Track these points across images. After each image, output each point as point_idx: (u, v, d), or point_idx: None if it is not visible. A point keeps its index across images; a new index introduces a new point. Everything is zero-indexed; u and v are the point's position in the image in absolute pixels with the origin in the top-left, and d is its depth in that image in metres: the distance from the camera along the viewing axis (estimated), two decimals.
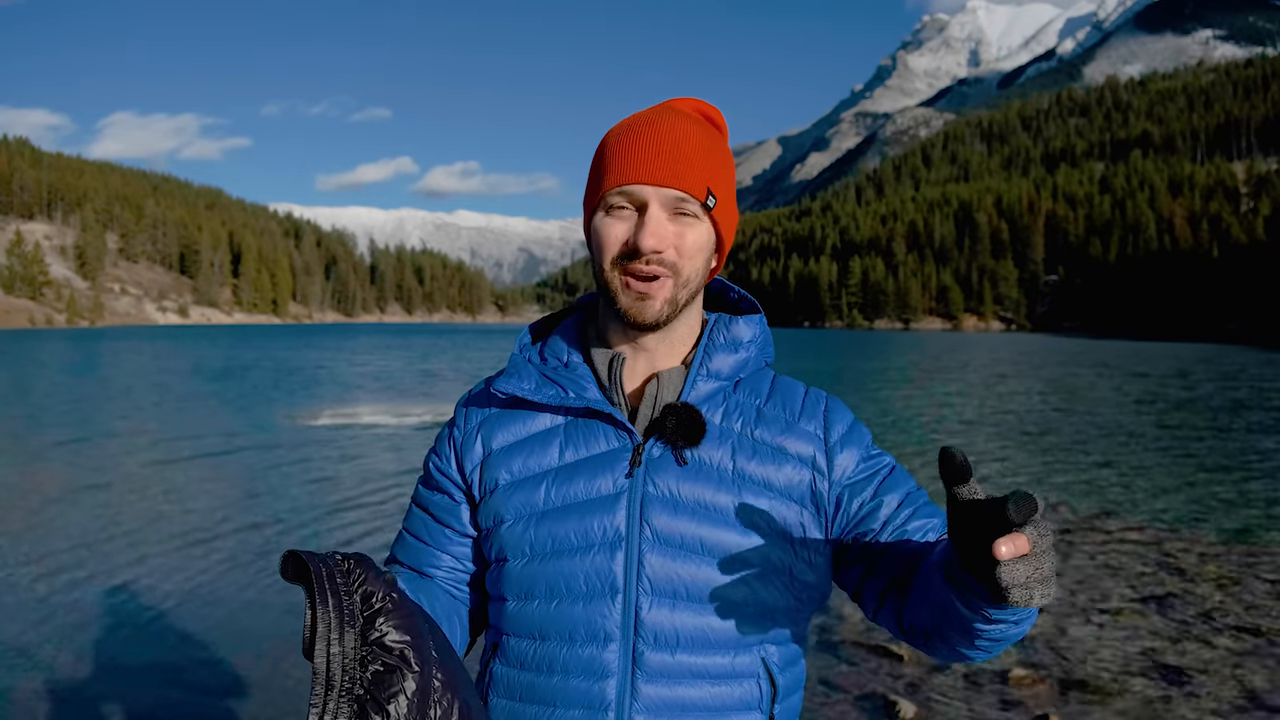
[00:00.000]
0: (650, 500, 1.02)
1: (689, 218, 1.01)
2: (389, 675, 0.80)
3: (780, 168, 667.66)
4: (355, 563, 0.84)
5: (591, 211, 1.05)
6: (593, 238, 1.04)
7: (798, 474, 1.06)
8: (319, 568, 0.81)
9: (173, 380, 23.85)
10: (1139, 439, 12.69)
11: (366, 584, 0.83)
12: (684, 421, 1.02)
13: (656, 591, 1.00)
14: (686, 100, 1.10)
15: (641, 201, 1.00)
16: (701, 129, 1.04)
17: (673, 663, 1.00)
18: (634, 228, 1.00)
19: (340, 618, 0.79)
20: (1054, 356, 41.92)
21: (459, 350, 45.75)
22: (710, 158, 1.02)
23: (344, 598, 0.80)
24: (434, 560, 1.14)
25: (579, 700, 1.00)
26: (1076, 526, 7.26)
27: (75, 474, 9.48)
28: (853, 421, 1.13)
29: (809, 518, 1.06)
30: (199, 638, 4.65)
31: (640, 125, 1.03)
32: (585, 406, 1.05)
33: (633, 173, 0.99)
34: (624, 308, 1.02)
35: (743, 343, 1.11)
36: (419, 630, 0.85)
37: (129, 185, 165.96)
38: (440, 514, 1.14)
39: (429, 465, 1.16)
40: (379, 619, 0.82)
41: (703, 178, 1.00)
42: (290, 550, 0.82)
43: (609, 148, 1.03)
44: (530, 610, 1.04)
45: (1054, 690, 4.02)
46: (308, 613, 0.79)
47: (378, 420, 14.53)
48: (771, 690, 1.04)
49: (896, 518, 1.05)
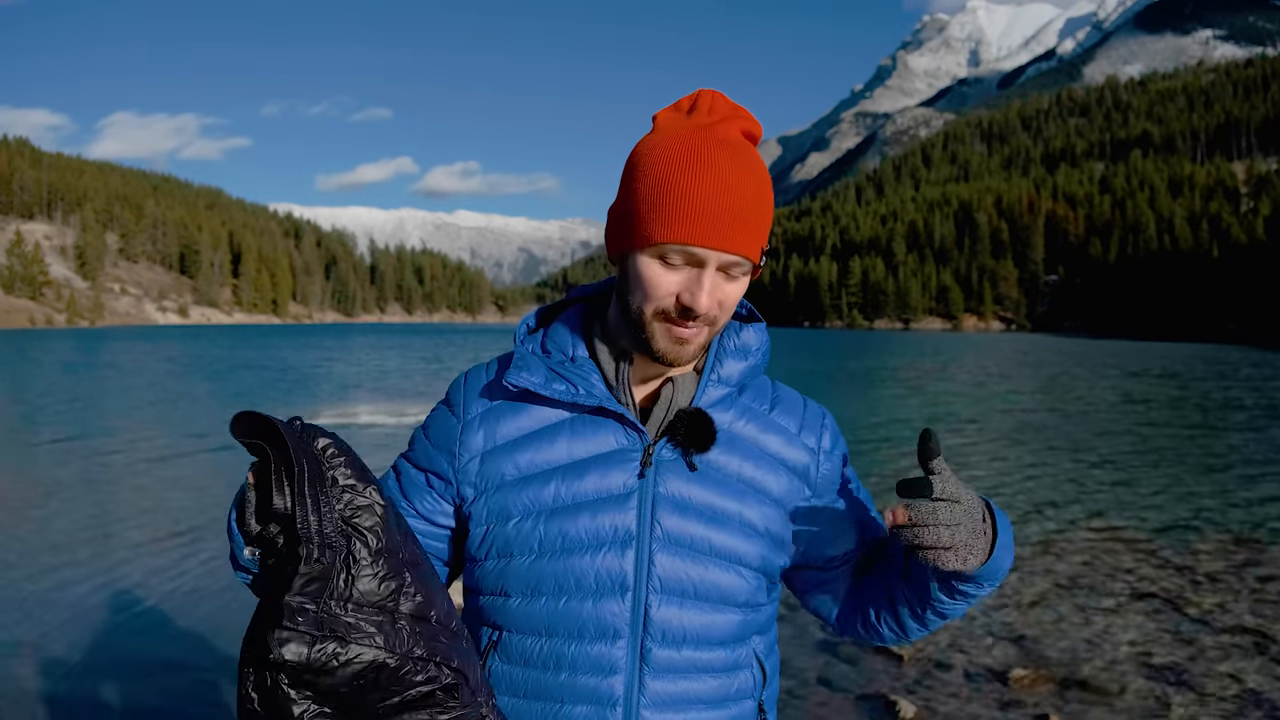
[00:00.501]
0: (660, 501, 1.04)
1: (738, 274, 1.01)
2: (362, 512, 0.81)
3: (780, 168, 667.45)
4: (304, 424, 0.83)
5: (638, 248, 1.00)
6: (635, 277, 1.01)
7: (792, 484, 1.11)
8: (280, 425, 0.79)
9: (171, 380, 23.83)
10: (1138, 439, 12.68)
11: (318, 439, 0.83)
12: (697, 427, 1.04)
13: (665, 590, 1.03)
14: (735, 119, 1.02)
15: (700, 260, 0.98)
16: (754, 174, 0.99)
17: (678, 658, 1.03)
18: (686, 282, 0.99)
19: (316, 477, 0.78)
20: (1054, 356, 41.89)
21: (455, 350, 45.73)
22: (765, 212, 1.00)
23: (319, 467, 0.79)
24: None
25: (587, 696, 1.02)
26: (1076, 527, 7.26)
27: (72, 473, 9.48)
28: (839, 436, 1.18)
29: (793, 523, 1.12)
30: (194, 633, 4.66)
31: (703, 172, 0.96)
32: (598, 405, 1.06)
33: (698, 234, 0.96)
34: (661, 351, 1.02)
35: (751, 350, 1.13)
36: (368, 476, 0.85)
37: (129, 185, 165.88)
38: (408, 489, 1.13)
39: (415, 443, 1.16)
40: (336, 473, 0.81)
41: (759, 240, 1.00)
42: (244, 410, 0.80)
43: (668, 189, 0.97)
44: (537, 607, 1.04)
45: (1054, 690, 4.02)
46: (252, 474, 0.80)
47: (375, 420, 14.57)
48: (762, 678, 1.10)
49: (853, 520, 1.15)
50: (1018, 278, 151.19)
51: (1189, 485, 9.13)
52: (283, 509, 0.76)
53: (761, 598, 1.10)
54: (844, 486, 1.16)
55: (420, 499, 1.13)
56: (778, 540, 1.09)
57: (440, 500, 1.12)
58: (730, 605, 1.06)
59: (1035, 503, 8.25)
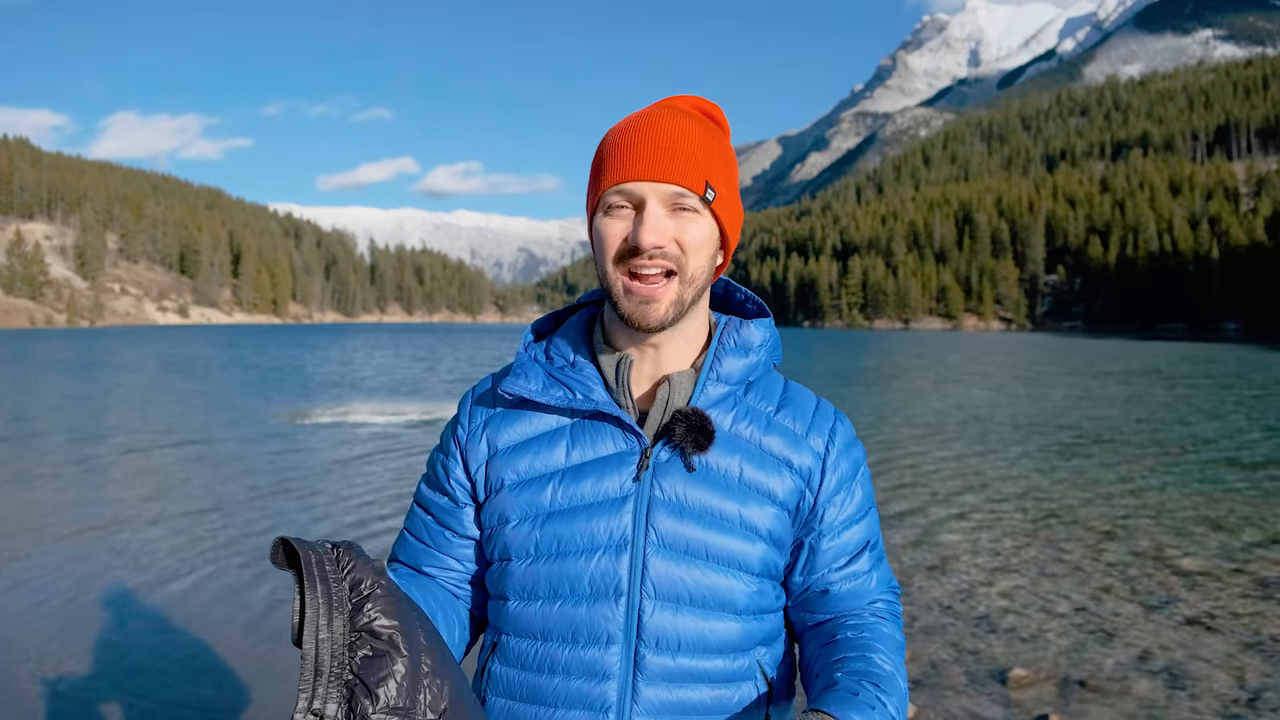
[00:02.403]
0: (656, 504, 1.02)
1: (689, 212, 1.00)
2: (378, 660, 0.80)
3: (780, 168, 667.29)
4: (344, 550, 0.84)
5: (592, 213, 1.04)
6: (594, 239, 1.03)
7: (797, 487, 1.07)
8: (309, 555, 0.81)
9: (168, 380, 23.84)
10: (1137, 439, 12.68)
11: (355, 571, 0.83)
12: (694, 427, 1.02)
13: (660, 595, 1.00)
14: (685, 98, 1.09)
15: (640, 199, 0.99)
16: (699, 125, 1.03)
17: (673, 666, 1.01)
18: (632, 224, 0.99)
19: (329, 604, 0.79)
20: (1053, 356, 41.91)
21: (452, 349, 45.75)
22: (708, 152, 1.01)
23: (333, 584, 0.80)
24: (434, 561, 1.14)
25: (580, 701, 1.00)
26: (1076, 527, 7.26)
27: (68, 472, 9.49)
28: (852, 441, 1.13)
29: (797, 527, 1.09)
30: (192, 633, 4.64)
31: (636, 124, 1.02)
32: (594, 409, 1.05)
33: (629, 170, 0.98)
34: (627, 313, 1.01)
35: (753, 346, 1.10)
36: (407, 616, 0.85)
37: (129, 185, 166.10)
38: (441, 515, 1.13)
39: (434, 465, 1.16)
40: (367, 605, 0.82)
41: (700, 172, 0.99)
42: (280, 537, 0.82)
43: (606, 148, 1.03)
44: (533, 610, 1.04)
45: (1054, 690, 4.01)
46: (296, 599, 0.80)
47: (367, 419, 14.62)
48: (768, 691, 1.06)
49: (835, 563, 1.10)
50: (1017, 278, 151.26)
51: (1189, 485, 9.13)
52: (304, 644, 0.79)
53: (765, 604, 1.07)
54: (842, 510, 1.10)
55: (446, 520, 1.13)
56: (782, 543, 1.06)
57: (460, 520, 1.13)
58: (729, 612, 1.03)
59: (1034, 503, 8.25)
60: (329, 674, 0.78)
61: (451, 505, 1.12)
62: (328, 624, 0.79)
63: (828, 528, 1.09)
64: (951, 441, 12.30)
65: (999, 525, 7.30)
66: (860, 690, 0.94)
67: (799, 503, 1.08)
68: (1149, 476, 9.64)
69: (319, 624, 0.78)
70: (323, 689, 0.78)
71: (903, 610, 1.26)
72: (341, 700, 0.78)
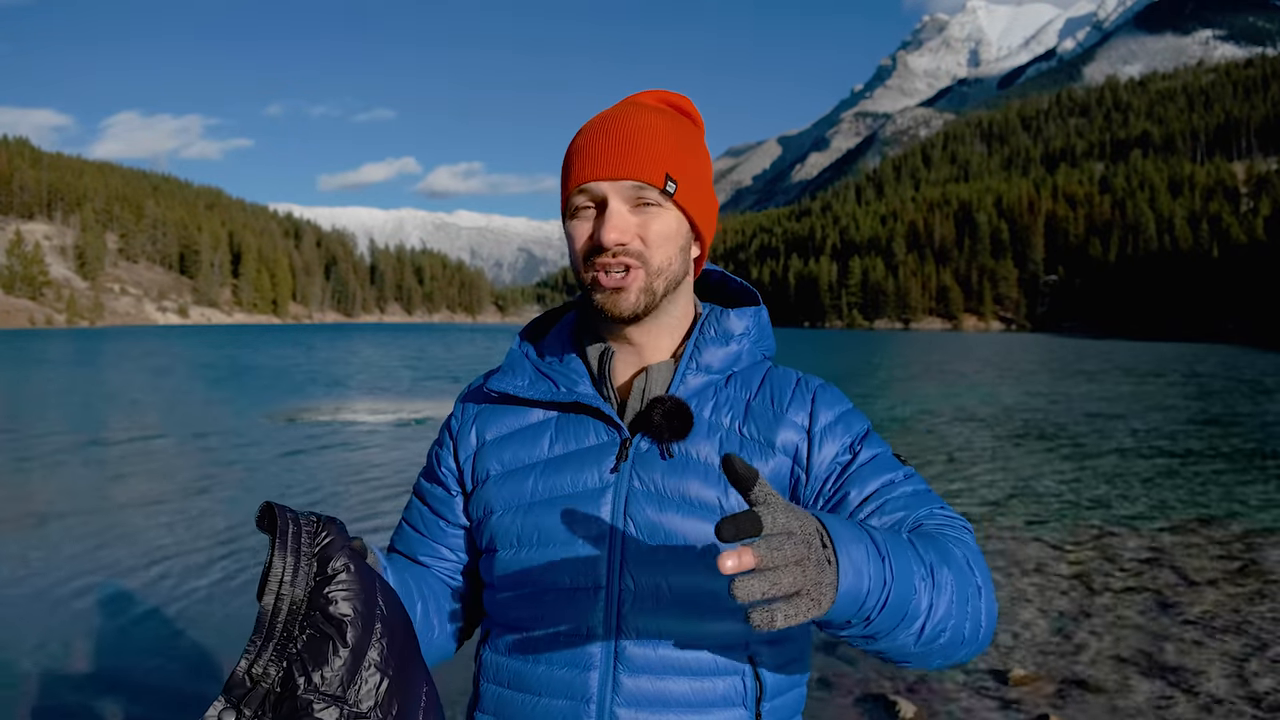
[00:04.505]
0: (635, 495, 1.02)
1: (651, 207, 1.00)
2: (322, 643, 0.80)
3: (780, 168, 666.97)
4: (323, 524, 0.85)
5: (564, 218, 1.05)
6: (567, 242, 1.05)
7: (782, 467, 1.04)
8: (286, 522, 0.82)
9: (166, 380, 23.84)
10: (1136, 439, 12.68)
11: (329, 549, 0.83)
12: (670, 415, 1.02)
13: (639, 586, 1.00)
14: (650, 92, 1.09)
15: (601, 198, 1.00)
16: (662, 117, 1.03)
17: (654, 657, 1.00)
18: (597, 224, 1.00)
19: (294, 575, 0.80)
20: (1053, 357, 41.90)
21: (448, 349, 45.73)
22: (667, 143, 1.01)
23: (302, 557, 0.81)
24: (429, 550, 1.16)
25: (563, 690, 1.01)
26: (1076, 527, 7.27)
27: (65, 471, 9.49)
28: (844, 410, 1.08)
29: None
30: (186, 632, 4.66)
31: (598, 123, 1.03)
32: (574, 400, 1.06)
33: (588, 170, 0.99)
34: (600, 304, 1.02)
35: (734, 335, 1.09)
36: (369, 603, 0.84)
37: (129, 185, 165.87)
38: (436, 505, 1.15)
39: (430, 456, 1.19)
40: (329, 586, 0.82)
41: (659, 164, 0.99)
42: (267, 501, 0.83)
43: (570, 151, 1.03)
44: (518, 600, 1.05)
45: (1054, 690, 4.02)
46: (266, 562, 0.81)
47: (357, 418, 14.72)
48: (757, 687, 1.02)
49: (859, 514, 0.99)
50: (1017, 278, 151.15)
51: (1189, 485, 9.14)
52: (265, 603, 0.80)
53: None
54: (848, 470, 1.02)
55: (441, 510, 1.15)
56: None
57: (454, 510, 1.15)
58: (711, 603, 0.99)
59: (1034, 503, 8.25)
60: (276, 641, 0.79)
61: (446, 495, 1.14)
62: (288, 594, 0.80)
63: (842, 490, 1.01)
64: (951, 442, 12.30)
65: (999, 525, 7.31)
66: (887, 533, 0.84)
67: (793, 481, 1.04)
68: (1149, 477, 9.64)
69: (279, 593, 0.80)
70: (266, 655, 0.79)
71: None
72: (279, 671, 0.79)
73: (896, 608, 0.81)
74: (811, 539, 0.73)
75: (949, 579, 0.86)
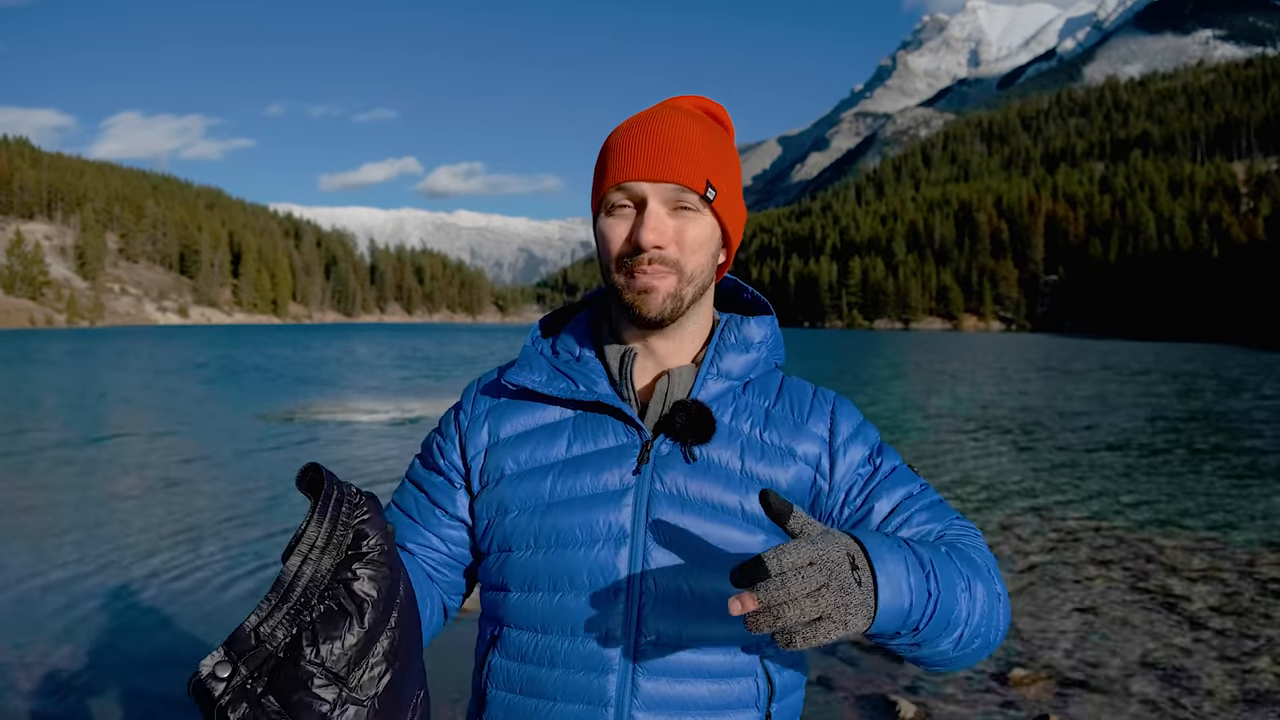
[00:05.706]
0: (657, 497, 1.01)
1: (690, 211, 1.01)
2: (339, 617, 0.79)
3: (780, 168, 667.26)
4: (365, 499, 0.84)
5: (596, 213, 1.05)
6: (598, 238, 1.05)
7: (803, 476, 1.05)
8: (331, 488, 0.81)
9: (164, 380, 23.85)
10: (1136, 440, 12.68)
11: (367, 525, 0.83)
12: (694, 419, 1.02)
13: (660, 589, 0.99)
14: (688, 98, 1.10)
15: (641, 198, 1.00)
16: (701, 124, 1.04)
17: (673, 660, 1.00)
18: (634, 224, 1.01)
19: (326, 543, 0.79)
20: (1053, 356, 41.89)
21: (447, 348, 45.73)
22: (709, 151, 1.02)
23: (338, 526, 0.80)
24: (418, 538, 1.12)
25: (580, 694, 1.00)
26: (1075, 528, 7.26)
27: (63, 471, 9.49)
28: (860, 423, 1.11)
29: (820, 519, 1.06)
30: (185, 631, 4.66)
31: (638, 123, 1.03)
32: (595, 400, 1.05)
33: (630, 169, 1.00)
34: (629, 302, 1.02)
35: (754, 343, 1.11)
36: (392, 591, 0.84)
37: (129, 185, 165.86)
38: (434, 493, 1.13)
39: (430, 445, 1.16)
40: (358, 563, 0.81)
41: (701, 170, 1.00)
42: (313, 462, 0.83)
43: (609, 148, 1.04)
44: (533, 602, 1.03)
45: (1054, 690, 4.02)
46: (302, 525, 0.80)
47: (352, 417, 14.75)
48: (769, 689, 1.03)
49: (887, 526, 1.02)
50: (1018, 278, 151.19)
51: (1190, 485, 9.13)
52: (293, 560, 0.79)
53: None
54: (871, 482, 1.06)
55: (439, 498, 1.12)
56: (785, 536, 1.01)
57: (453, 501, 1.12)
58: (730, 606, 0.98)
59: (1034, 503, 8.25)
60: (292, 604, 0.78)
61: (447, 485, 1.12)
62: (316, 559, 0.79)
63: (854, 510, 1.05)
64: (950, 442, 12.29)
65: (999, 525, 7.30)
66: (915, 545, 0.88)
67: (814, 492, 1.06)
68: (1149, 477, 9.64)
69: (307, 556, 0.79)
70: (279, 616, 0.78)
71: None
72: (288, 635, 0.78)
73: (942, 617, 0.85)
74: (836, 565, 0.76)
75: (980, 587, 0.91)
